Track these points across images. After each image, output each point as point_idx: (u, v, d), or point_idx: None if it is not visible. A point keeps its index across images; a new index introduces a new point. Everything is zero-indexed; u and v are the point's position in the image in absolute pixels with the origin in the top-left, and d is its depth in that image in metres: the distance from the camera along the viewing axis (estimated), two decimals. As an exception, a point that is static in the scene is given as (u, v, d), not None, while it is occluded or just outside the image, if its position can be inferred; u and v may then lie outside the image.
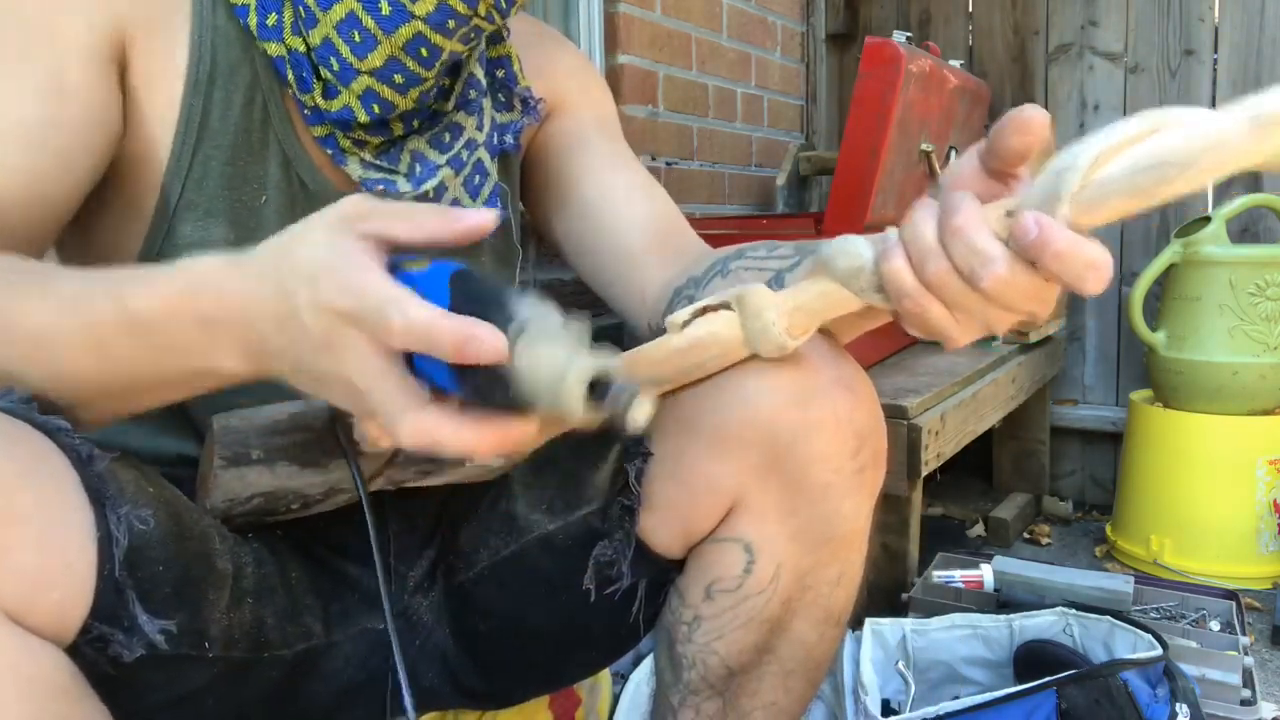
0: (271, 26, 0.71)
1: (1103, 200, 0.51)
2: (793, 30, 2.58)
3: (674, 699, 0.76)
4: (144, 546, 0.55)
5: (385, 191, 0.77)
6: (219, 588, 0.62)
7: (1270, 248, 1.94)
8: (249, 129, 0.72)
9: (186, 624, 0.58)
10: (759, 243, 0.79)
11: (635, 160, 0.93)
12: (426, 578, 0.81)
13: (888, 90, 1.41)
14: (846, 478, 0.66)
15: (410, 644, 0.79)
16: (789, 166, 2.41)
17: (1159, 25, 2.30)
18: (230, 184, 0.71)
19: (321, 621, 0.73)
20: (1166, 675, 1.09)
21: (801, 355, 0.64)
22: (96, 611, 0.51)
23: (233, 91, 0.71)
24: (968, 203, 0.52)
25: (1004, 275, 0.51)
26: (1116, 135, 0.51)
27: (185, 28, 0.70)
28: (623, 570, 0.72)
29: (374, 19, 0.69)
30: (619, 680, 1.19)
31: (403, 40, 0.70)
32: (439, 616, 0.80)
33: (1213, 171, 0.49)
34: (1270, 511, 1.88)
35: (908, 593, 1.45)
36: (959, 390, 1.67)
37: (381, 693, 0.79)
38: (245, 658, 0.64)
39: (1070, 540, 2.22)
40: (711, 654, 0.72)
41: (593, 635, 0.79)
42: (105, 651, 0.52)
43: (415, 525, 0.81)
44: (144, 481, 0.58)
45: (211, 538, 0.62)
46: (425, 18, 0.69)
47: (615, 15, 1.89)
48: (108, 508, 0.53)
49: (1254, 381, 1.91)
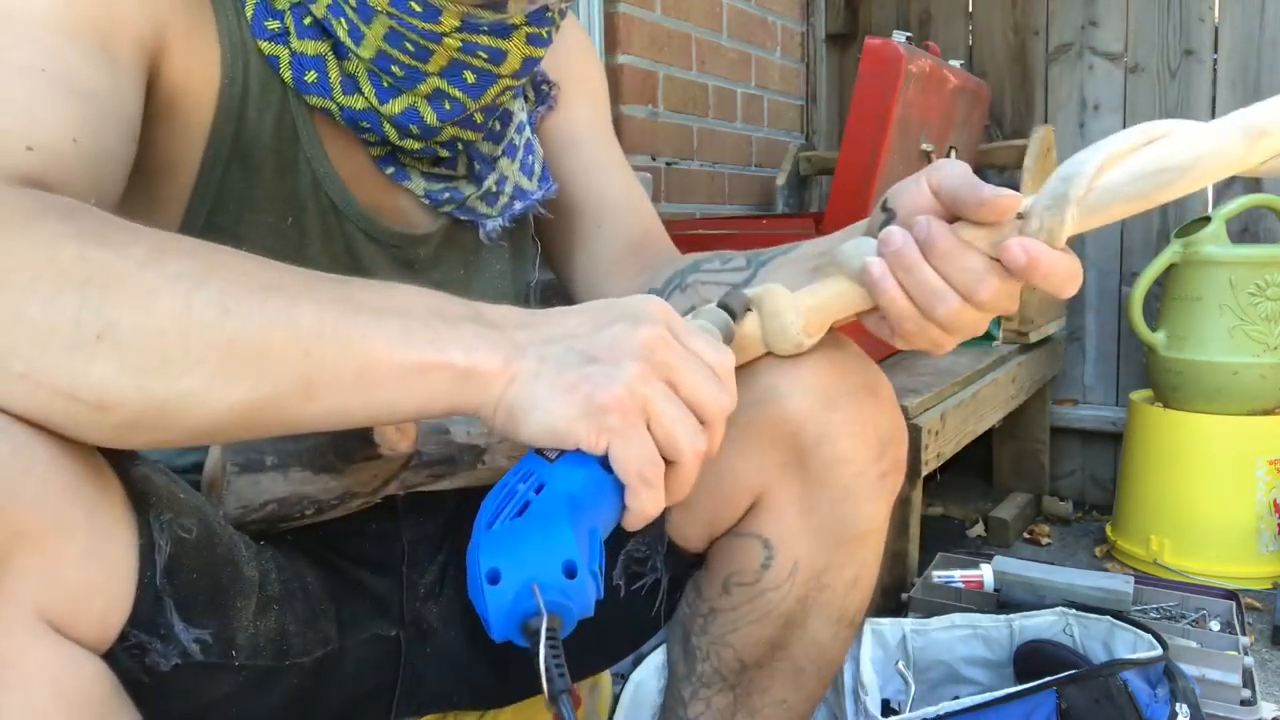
0: (312, 83, 0.69)
1: (1107, 204, 0.57)
2: (793, 30, 2.58)
3: (685, 692, 0.77)
4: (181, 554, 0.55)
5: (452, 199, 0.76)
6: (247, 595, 0.62)
7: (1270, 248, 1.94)
8: (279, 149, 0.70)
9: (218, 632, 0.58)
10: (712, 254, 0.81)
11: (620, 157, 0.93)
12: (437, 584, 0.81)
13: (888, 90, 1.41)
14: (869, 482, 0.68)
15: (420, 651, 0.79)
16: (789, 166, 2.41)
17: (1159, 25, 2.30)
18: (259, 205, 0.70)
19: (336, 627, 0.73)
20: (1166, 675, 1.09)
21: (830, 358, 0.66)
22: (135, 619, 0.51)
23: (264, 110, 0.69)
24: (943, 230, 0.59)
25: (997, 286, 0.58)
26: (1118, 143, 0.56)
27: (215, 43, 0.67)
28: (656, 565, 0.73)
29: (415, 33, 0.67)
30: (619, 680, 1.19)
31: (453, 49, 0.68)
32: (450, 621, 0.80)
33: (1208, 177, 0.54)
34: (1270, 511, 1.88)
35: (908, 593, 1.45)
36: (959, 390, 1.67)
37: (388, 698, 0.79)
38: (270, 666, 0.64)
39: (1070, 540, 2.22)
40: (725, 647, 0.73)
41: (613, 629, 0.79)
42: (142, 660, 0.52)
43: (427, 533, 0.81)
44: (175, 489, 0.58)
45: (238, 545, 0.62)
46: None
47: (615, 15, 1.89)
48: (150, 516, 0.52)
49: (1254, 381, 1.91)
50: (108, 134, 0.58)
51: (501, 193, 0.80)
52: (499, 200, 0.80)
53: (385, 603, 0.78)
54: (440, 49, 0.67)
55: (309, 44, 0.69)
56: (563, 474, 0.49)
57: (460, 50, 0.67)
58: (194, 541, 0.56)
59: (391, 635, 0.78)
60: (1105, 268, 2.40)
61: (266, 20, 0.68)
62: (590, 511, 0.49)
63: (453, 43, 0.66)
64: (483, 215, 0.80)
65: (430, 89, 0.69)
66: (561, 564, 0.46)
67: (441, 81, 0.69)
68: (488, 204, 0.79)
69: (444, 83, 0.69)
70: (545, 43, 0.70)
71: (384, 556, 0.79)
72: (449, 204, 0.77)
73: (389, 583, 0.79)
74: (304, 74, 0.69)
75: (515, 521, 0.48)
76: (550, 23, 0.68)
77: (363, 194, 0.75)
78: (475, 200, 0.78)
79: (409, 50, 0.67)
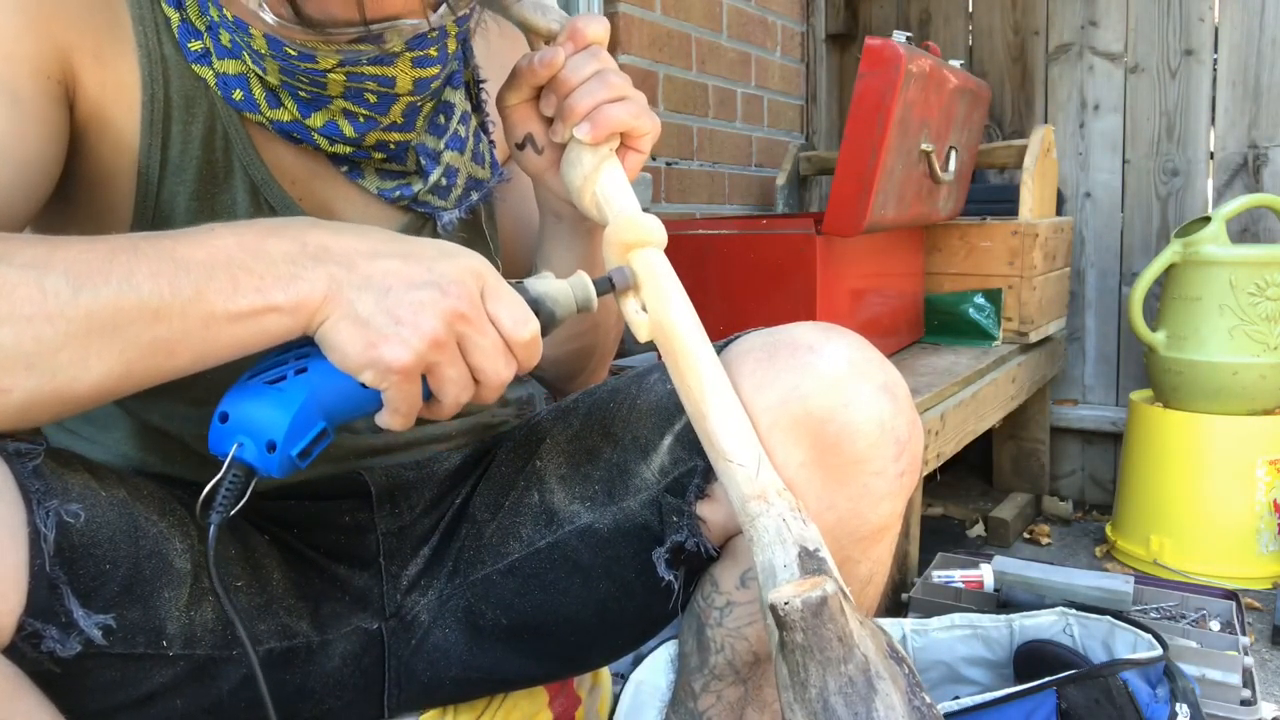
0: (240, 100, 0.70)
1: None
2: (793, 30, 2.58)
3: (696, 684, 0.78)
4: (88, 544, 0.55)
5: (403, 196, 0.77)
6: (176, 586, 0.62)
7: (1270, 248, 1.94)
8: (211, 160, 0.71)
9: (141, 621, 0.59)
10: None
11: None
12: (422, 576, 0.81)
13: (888, 90, 1.41)
14: (888, 480, 0.69)
15: (405, 643, 0.80)
16: (789, 166, 2.41)
17: (1159, 25, 2.30)
18: (199, 217, 0.70)
19: (309, 622, 0.74)
20: (1166, 675, 1.09)
21: (850, 359, 0.69)
22: (31, 608, 0.51)
23: (191, 123, 0.69)
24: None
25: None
26: None
27: (133, 59, 0.67)
28: (710, 551, 0.74)
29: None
30: (619, 680, 1.19)
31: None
32: (440, 613, 0.80)
33: None
34: (1270, 511, 1.88)
35: (908, 593, 1.45)
36: (959, 390, 1.67)
37: (376, 690, 0.79)
38: (210, 655, 0.65)
39: (1070, 540, 2.22)
40: (741, 639, 0.75)
41: (626, 621, 0.81)
42: (39, 647, 0.52)
43: (406, 526, 0.82)
44: (95, 482, 0.58)
45: (170, 538, 0.63)
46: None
47: (615, 15, 1.89)
48: (35, 504, 0.53)
49: (1254, 381, 1.91)
50: (6, 174, 0.61)
51: (454, 185, 0.80)
52: (451, 193, 0.80)
53: (365, 596, 0.79)
54: (330, 81, 0.67)
55: (230, 63, 0.69)
56: (325, 371, 0.58)
57: (348, 80, 0.67)
58: (105, 532, 0.57)
59: (374, 628, 0.78)
60: (1105, 268, 2.40)
61: (189, 41, 0.69)
62: (330, 408, 0.59)
63: (338, 77, 0.67)
64: (437, 208, 0.80)
65: (340, 108, 0.70)
66: (267, 440, 0.58)
67: (347, 103, 0.69)
68: (440, 197, 0.80)
69: (349, 103, 0.70)
70: (435, 61, 0.70)
71: (359, 549, 0.80)
72: (401, 199, 0.78)
73: (368, 576, 0.80)
74: (230, 92, 0.70)
75: (263, 386, 0.59)
76: (433, 43, 0.68)
77: (309, 196, 0.75)
78: (426, 194, 0.79)
79: (304, 82, 0.68)
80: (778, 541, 0.61)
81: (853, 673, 0.56)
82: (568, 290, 0.66)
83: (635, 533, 0.75)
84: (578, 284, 0.66)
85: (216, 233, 0.57)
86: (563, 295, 0.65)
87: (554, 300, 0.65)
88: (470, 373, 0.60)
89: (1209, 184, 2.29)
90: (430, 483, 0.84)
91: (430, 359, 0.58)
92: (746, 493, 0.63)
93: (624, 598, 0.77)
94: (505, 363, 0.61)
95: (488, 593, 0.79)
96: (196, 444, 0.74)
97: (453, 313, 0.58)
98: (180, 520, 0.65)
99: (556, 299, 0.65)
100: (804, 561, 0.59)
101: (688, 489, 0.73)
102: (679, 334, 0.67)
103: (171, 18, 0.68)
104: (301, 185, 0.75)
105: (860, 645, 0.57)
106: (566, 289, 0.66)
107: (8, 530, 0.51)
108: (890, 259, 1.82)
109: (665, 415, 0.76)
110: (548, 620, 0.79)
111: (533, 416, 0.91)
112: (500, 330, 0.60)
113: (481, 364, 0.60)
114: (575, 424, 0.81)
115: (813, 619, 0.56)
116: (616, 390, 0.81)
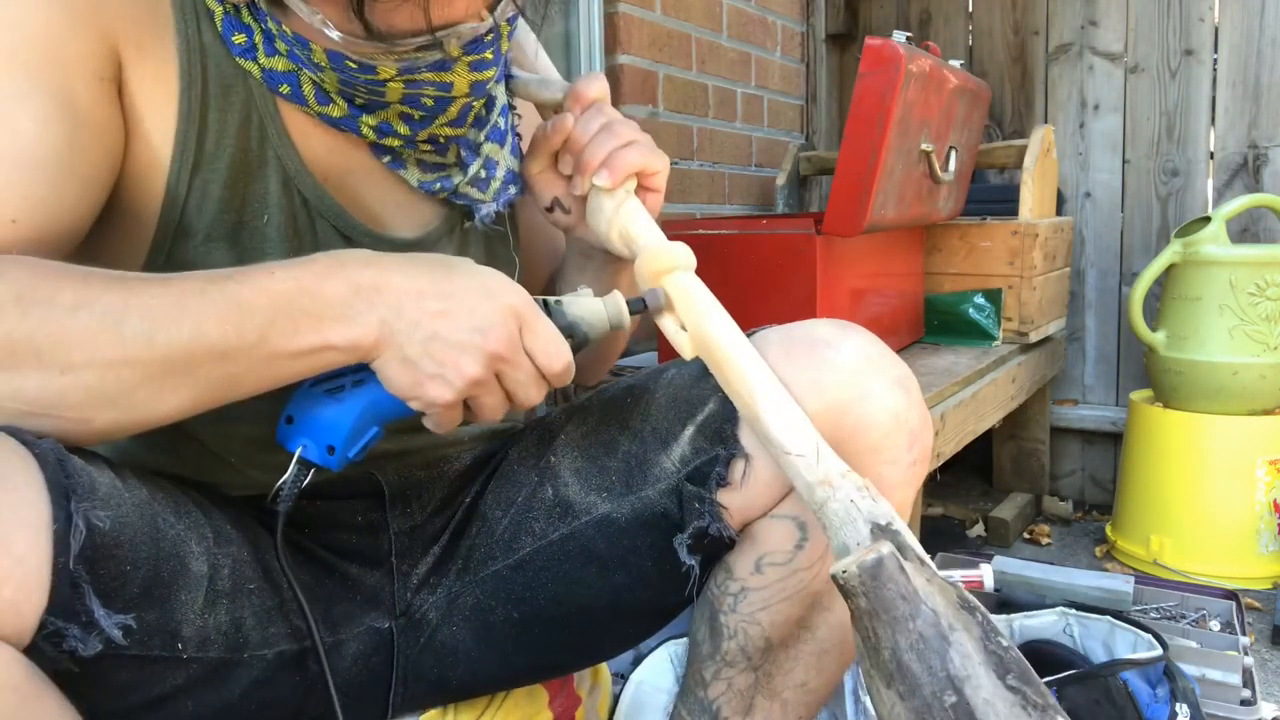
0: (287, 94, 0.70)
1: None
2: (793, 30, 2.58)
3: (707, 672, 0.79)
4: (111, 545, 0.55)
5: (443, 188, 0.78)
6: (192, 589, 0.62)
7: (1270, 248, 1.94)
8: (246, 149, 0.71)
9: (157, 623, 0.59)
10: None
11: None
12: (432, 574, 0.81)
13: (888, 90, 1.41)
14: (901, 470, 0.73)
15: (413, 641, 0.80)
16: (789, 166, 2.41)
17: (1159, 25, 2.30)
18: (230, 206, 0.70)
19: (321, 622, 0.74)
20: (1166, 675, 1.09)
21: (865, 354, 0.72)
22: (53, 607, 0.51)
23: (227, 112, 0.70)
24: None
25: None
26: None
27: (171, 47, 0.67)
28: (731, 536, 0.76)
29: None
30: (619, 680, 1.19)
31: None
32: (449, 611, 0.80)
33: None
34: (1270, 511, 1.88)
35: (908, 593, 1.45)
36: (959, 390, 1.67)
37: (382, 689, 0.79)
38: (222, 658, 0.65)
39: (1070, 540, 2.22)
40: (754, 625, 0.77)
41: (640, 610, 0.82)
42: (61, 647, 0.52)
43: (417, 526, 0.82)
44: (120, 482, 0.59)
45: (188, 541, 0.63)
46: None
47: (615, 15, 1.89)
48: (69, 502, 0.53)
49: (1254, 381, 1.91)
50: (68, 193, 0.62)
51: (493, 178, 0.81)
52: (490, 185, 0.81)
53: (376, 595, 0.79)
54: (389, 89, 0.68)
55: (279, 60, 0.69)
56: (377, 387, 0.65)
57: (406, 88, 0.69)
58: (127, 534, 0.57)
59: (384, 627, 0.78)
60: (1105, 268, 2.40)
61: (234, 34, 0.69)
62: (381, 416, 0.67)
63: (397, 86, 0.68)
64: (476, 200, 0.81)
65: (396, 111, 0.72)
66: (328, 443, 0.66)
67: (404, 106, 0.71)
68: (479, 189, 0.81)
69: (405, 107, 0.71)
70: (491, 64, 0.71)
71: (372, 548, 0.80)
72: (441, 191, 0.79)
73: (379, 575, 0.80)
74: (277, 86, 0.70)
75: (324, 395, 0.66)
76: (489, 45, 0.69)
77: (343, 189, 0.76)
78: (465, 186, 0.79)
79: (362, 91, 0.69)
80: (847, 522, 0.62)
81: (923, 628, 0.56)
82: (601, 311, 0.71)
83: (654, 521, 0.76)
84: (611, 303, 0.71)
85: (276, 276, 0.60)
86: (596, 317, 0.70)
87: (588, 324, 0.70)
88: (506, 396, 0.66)
89: (1209, 184, 2.29)
90: (441, 482, 0.84)
91: (470, 394, 0.64)
92: (810, 480, 0.65)
93: (639, 587, 0.79)
94: (539, 389, 0.67)
95: (498, 588, 0.80)
96: (216, 444, 0.74)
97: (492, 356, 0.63)
98: (195, 523, 0.65)
99: (591, 322, 0.70)
100: (876, 536, 0.61)
101: (709, 477, 0.75)
102: (720, 344, 0.69)
103: (215, 10, 0.69)
104: (335, 179, 0.75)
105: (928, 601, 0.57)
106: (600, 309, 0.71)
107: (32, 528, 0.51)
108: (890, 259, 1.82)
109: (686, 407, 0.77)
110: (560, 612, 0.80)
111: (543, 416, 0.91)
112: (536, 364, 0.66)
113: (516, 391, 0.66)
114: (590, 420, 0.82)
115: (871, 581, 0.57)
116: (631, 387, 0.82)
